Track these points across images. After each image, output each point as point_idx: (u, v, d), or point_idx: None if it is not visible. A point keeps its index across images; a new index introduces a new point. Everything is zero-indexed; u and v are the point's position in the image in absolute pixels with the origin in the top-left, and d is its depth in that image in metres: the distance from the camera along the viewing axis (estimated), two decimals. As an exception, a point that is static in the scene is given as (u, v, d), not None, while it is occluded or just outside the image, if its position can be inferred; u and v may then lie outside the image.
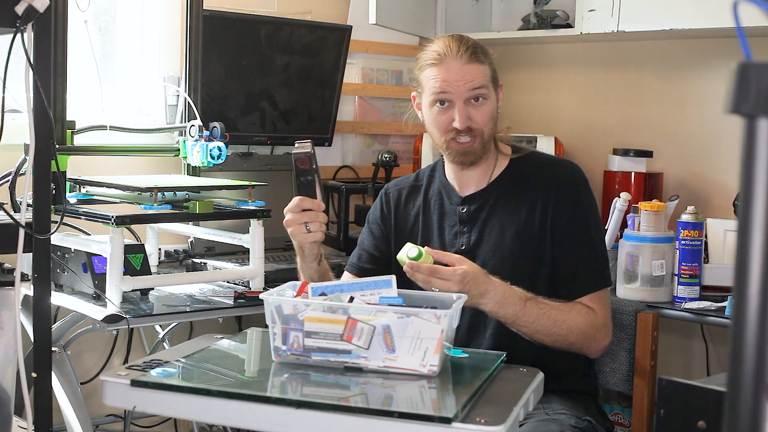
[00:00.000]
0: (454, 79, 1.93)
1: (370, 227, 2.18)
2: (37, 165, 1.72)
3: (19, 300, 1.74)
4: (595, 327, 1.92)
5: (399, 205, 2.15)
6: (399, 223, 2.13)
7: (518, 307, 1.83)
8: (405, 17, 3.31)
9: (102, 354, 2.84)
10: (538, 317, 1.85)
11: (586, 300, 1.94)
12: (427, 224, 2.09)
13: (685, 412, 1.19)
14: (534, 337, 1.88)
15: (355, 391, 1.53)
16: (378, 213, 2.17)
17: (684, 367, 3.08)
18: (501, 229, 2.00)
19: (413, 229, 2.11)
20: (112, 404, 1.58)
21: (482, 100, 1.95)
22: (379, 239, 2.15)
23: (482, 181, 2.05)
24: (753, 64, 0.65)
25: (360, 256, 2.16)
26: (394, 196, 2.17)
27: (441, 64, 1.95)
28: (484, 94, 1.95)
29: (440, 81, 1.94)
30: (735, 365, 0.66)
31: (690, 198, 2.99)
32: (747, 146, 0.65)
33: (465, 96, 1.94)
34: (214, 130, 2.44)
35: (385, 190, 2.20)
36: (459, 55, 1.94)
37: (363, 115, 3.47)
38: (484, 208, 2.03)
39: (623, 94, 3.34)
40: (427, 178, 2.15)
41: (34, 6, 1.63)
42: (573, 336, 1.89)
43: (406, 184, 2.17)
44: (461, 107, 1.94)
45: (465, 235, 2.03)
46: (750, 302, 0.65)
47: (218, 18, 2.83)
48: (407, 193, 2.15)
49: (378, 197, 2.20)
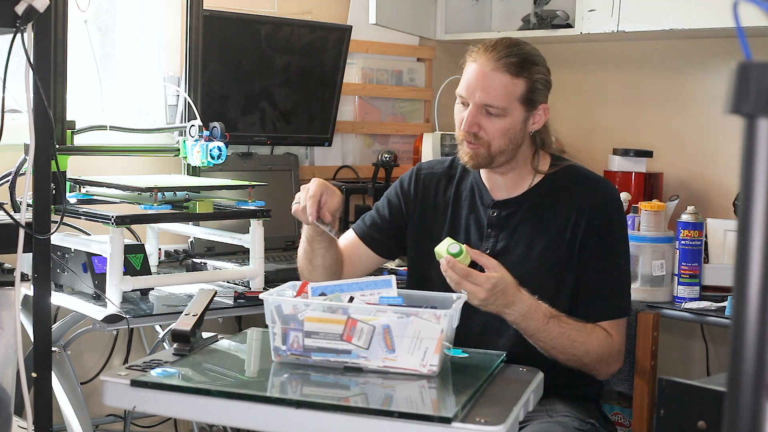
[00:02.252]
0: (474, 84, 1.89)
1: (390, 200, 2.13)
2: (37, 165, 1.72)
3: (19, 300, 1.74)
4: (610, 353, 1.91)
5: (429, 189, 2.09)
6: (426, 208, 2.08)
7: (541, 323, 1.81)
8: (405, 17, 3.31)
9: (102, 354, 2.84)
10: (558, 335, 1.83)
11: (605, 325, 1.92)
12: (455, 218, 2.05)
13: (685, 412, 1.19)
14: (549, 353, 1.86)
15: (355, 391, 1.53)
16: (405, 190, 2.11)
17: (684, 367, 3.08)
18: (530, 241, 1.96)
19: (441, 219, 2.06)
20: (112, 404, 1.58)
21: (497, 116, 1.89)
22: (396, 215, 2.10)
23: (515, 188, 2.01)
24: (753, 64, 0.65)
25: (373, 221, 2.11)
26: (427, 179, 2.10)
27: (475, 62, 1.90)
28: (498, 113, 1.89)
29: (465, 80, 1.91)
30: (735, 365, 0.66)
31: (690, 198, 2.99)
32: (747, 146, 0.65)
33: (477, 104, 1.89)
34: (214, 130, 2.44)
35: (417, 170, 2.13)
36: (492, 60, 1.88)
37: (363, 115, 3.47)
38: (514, 216, 1.99)
39: (623, 94, 3.34)
40: (461, 169, 2.08)
41: (34, 6, 1.63)
42: (587, 358, 1.88)
43: (440, 169, 2.11)
44: (472, 111, 1.90)
45: (491, 240, 1.99)
46: (750, 302, 0.65)
47: (218, 18, 2.83)
48: (439, 180, 2.09)
49: (406, 175, 2.14)
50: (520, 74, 1.89)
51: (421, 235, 2.06)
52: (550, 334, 1.82)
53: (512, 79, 1.88)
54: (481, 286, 1.72)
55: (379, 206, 2.14)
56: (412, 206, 2.10)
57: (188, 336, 1.71)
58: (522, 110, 1.91)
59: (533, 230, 1.96)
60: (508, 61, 1.88)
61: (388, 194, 2.15)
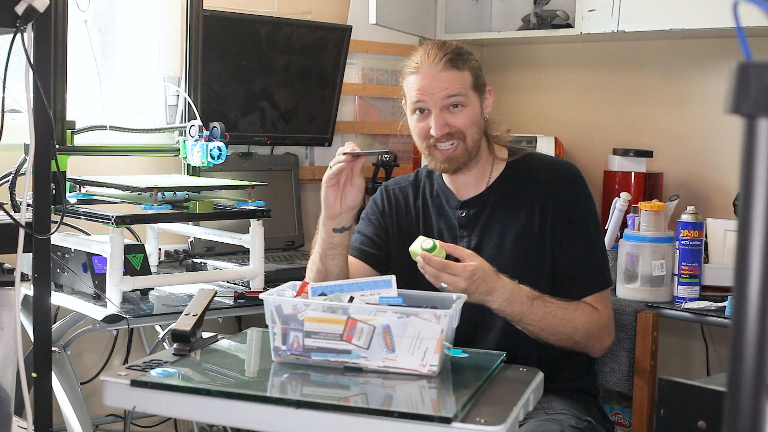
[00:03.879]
0: (430, 88, 1.94)
1: (369, 218, 2.17)
2: (37, 165, 1.72)
3: (19, 300, 1.74)
4: (599, 326, 1.93)
5: (399, 202, 2.14)
6: (400, 221, 2.13)
7: (525, 306, 1.83)
8: (405, 17, 3.31)
9: (102, 354, 2.84)
10: (544, 316, 1.85)
11: (590, 299, 1.95)
12: (427, 227, 2.09)
13: (685, 412, 1.19)
14: (539, 336, 1.88)
15: (355, 391, 1.53)
16: (376, 208, 2.17)
17: (684, 367, 3.08)
18: (501, 233, 2.00)
19: (414, 229, 2.10)
20: (112, 404, 1.58)
21: (460, 107, 1.95)
22: (379, 228, 2.14)
23: (479, 184, 2.05)
24: (753, 64, 0.65)
25: (361, 240, 2.14)
26: (395, 193, 2.16)
27: (418, 73, 1.96)
28: (461, 101, 1.95)
29: (417, 89, 1.96)
30: (735, 365, 0.66)
31: (690, 198, 2.99)
32: (747, 146, 0.65)
33: (441, 104, 1.94)
34: (214, 130, 2.44)
35: (384, 188, 2.19)
36: (435, 63, 1.94)
37: (363, 115, 3.47)
38: (483, 212, 2.03)
39: (623, 94, 3.34)
40: (425, 178, 2.15)
41: (34, 6, 1.63)
42: (578, 335, 1.90)
43: (407, 183, 2.17)
44: (437, 115, 1.94)
45: (465, 240, 2.03)
46: (750, 302, 0.65)
47: (218, 18, 2.83)
48: (408, 192, 2.15)
49: (377, 194, 2.19)
50: (463, 66, 1.96)
51: (399, 250, 2.07)
52: (536, 316, 1.85)
53: (460, 72, 1.95)
54: (460, 275, 1.74)
55: (360, 228, 2.17)
56: (388, 221, 2.14)
57: (188, 336, 1.71)
58: (476, 97, 1.99)
59: (503, 222, 2.01)
60: (448, 59, 1.95)
61: (365, 214, 2.18)
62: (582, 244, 1.98)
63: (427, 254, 1.75)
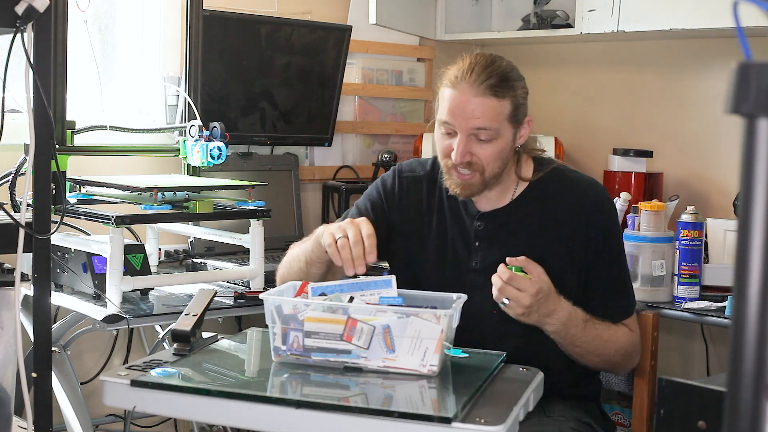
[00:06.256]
0: (461, 111, 1.79)
1: (372, 200, 2.02)
2: (37, 165, 1.72)
3: (19, 300, 1.74)
4: (634, 348, 1.93)
5: (411, 194, 2.00)
6: (409, 213, 1.99)
7: (579, 329, 1.80)
8: (405, 17, 3.31)
9: (102, 354, 2.84)
10: (594, 338, 1.83)
11: (627, 322, 1.92)
12: (441, 229, 1.96)
13: (685, 412, 1.19)
14: (583, 357, 1.86)
15: (355, 391, 1.53)
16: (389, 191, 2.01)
17: (684, 367, 3.08)
18: (520, 252, 1.83)
19: (426, 226, 1.97)
20: (112, 404, 1.58)
21: (488, 139, 1.81)
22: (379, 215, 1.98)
23: (501, 198, 1.93)
24: (753, 64, 0.65)
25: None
26: (409, 183, 2.01)
27: (455, 89, 1.80)
28: (490, 136, 1.81)
29: (448, 108, 1.81)
30: (735, 365, 0.66)
31: (690, 198, 2.99)
32: (747, 146, 0.65)
33: (468, 131, 1.80)
34: (214, 130, 2.44)
35: (398, 172, 2.02)
36: (475, 84, 1.79)
37: (363, 115, 3.47)
38: (503, 228, 1.91)
39: (623, 94, 3.34)
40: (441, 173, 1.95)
41: (34, 6, 1.63)
42: (618, 356, 1.89)
43: (423, 173, 2.01)
44: (462, 140, 1.81)
45: (479, 253, 1.92)
46: (750, 302, 0.65)
47: (218, 18, 2.83)
48: (422, 185, 2.00)
49: (388, 178, 2.03)
50: (505, 94, 1.81)
51: (405, 239, 1.99)
52: (587, 338, 1.81)
53: (498, 101, 1.80)
54: (526, 291, 1.68)
55: (361, 207, 2.02)
56: (395, 210, 2.00)
57: (188, 336, 1.71)
58: (510, 129, 1.85)
59: (525, 241, 1.89)
60: (490, 84, 1.79)
61: (369, 195, 2.04)
62: (615, 269, 1.93)
63: (503, 266, 1.70)
